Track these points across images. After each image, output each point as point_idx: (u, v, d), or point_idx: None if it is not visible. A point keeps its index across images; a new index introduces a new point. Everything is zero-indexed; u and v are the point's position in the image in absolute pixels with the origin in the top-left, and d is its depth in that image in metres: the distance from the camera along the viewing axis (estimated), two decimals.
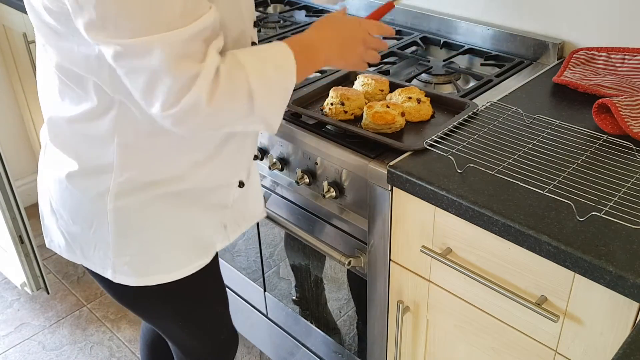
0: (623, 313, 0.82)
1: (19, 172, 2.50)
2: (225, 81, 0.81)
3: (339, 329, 1.42)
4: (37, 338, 1.97)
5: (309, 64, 0.95)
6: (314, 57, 0.96)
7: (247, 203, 1.13)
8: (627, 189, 0.91)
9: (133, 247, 0.97)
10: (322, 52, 0.97)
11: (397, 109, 1.11)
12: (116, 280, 0.99)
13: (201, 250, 1.04)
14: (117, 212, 0.94)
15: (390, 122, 1.10)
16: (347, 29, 1.01)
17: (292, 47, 0.90)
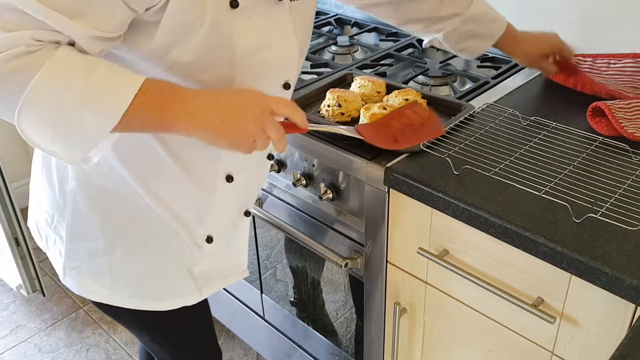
0: (619, 314, 0.82)
1: (14, 174, 2.49)
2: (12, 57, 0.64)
3: (336, 331, 1.42)
4: (33, 340, 1.96)
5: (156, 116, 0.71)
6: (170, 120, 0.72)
7: (226, 261, 1.02)
8: (624, 190, 0.92)
9: (83, 255, 0.93)
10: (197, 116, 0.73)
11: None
12: (64, 282, 0.97)
13: (159, 295, 0.96)
14: (75, 212, 0.91)
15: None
16: (239, 101, 0.76)
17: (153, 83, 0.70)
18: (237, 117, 0.74)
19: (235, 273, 1.06)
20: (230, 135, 0.74)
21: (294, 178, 1.25)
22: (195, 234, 0.94)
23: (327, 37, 1.65)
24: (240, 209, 1.00)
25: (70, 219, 0.92)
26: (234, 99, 0.76)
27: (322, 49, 1.56)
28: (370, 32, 1.67)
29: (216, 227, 0.96)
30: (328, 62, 1.46)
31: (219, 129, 0.74)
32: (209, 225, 0.95)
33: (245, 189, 0.97)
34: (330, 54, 1.54)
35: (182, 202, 0.91)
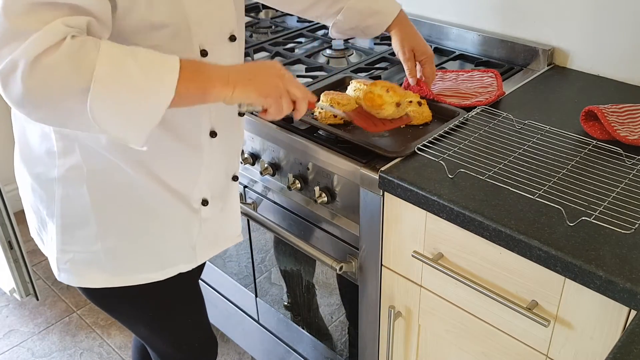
0: (613, 317, 0.82)
1: (8, 177, 2.47)
2: (64, 53, 0.70)
3: (330, 334, 1.41)
4: (26, 345, 1.95)
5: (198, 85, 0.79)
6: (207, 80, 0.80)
7: (222, 225, 1.07)
8: (617, 193, 0.92)
9: (77, 245, 0.94)
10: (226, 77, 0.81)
11: (395, 97, 1.06)
12: (59, 279, 0.97)
13: (156, 265, 0.98)
14: (64, 201, 0.91)
15: (377, 107, 1.06)
16: (259, 64, 0.87)
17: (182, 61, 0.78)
18: (262, 74, 0.85)
19: (230, 238, 1.11)
20: (259, 87, 0.84)
21: (289, 181, 1.25)
22: (190, 199, 0.97)
23: (321, 40, 1.66)
24: (227, 172, 1.04)
25: (59, 210, 0.92)
26: (254, 65, 0.87)
27: (317, 52, 1.56)
28: None
29: (209, 189, 0.99)
30: (323, 65, 1.46)
31: (249, 84, 0.83)
32: (202, 186, 0.98)
33: (228, 145, 1.01)
34: (324, 58, 1.55)
35: (173, 169, 0.94)
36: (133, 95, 0.74)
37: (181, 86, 0.76)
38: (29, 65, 0.69)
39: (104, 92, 0.72)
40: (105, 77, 0.71)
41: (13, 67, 0.69)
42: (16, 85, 0.70)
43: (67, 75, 0.71)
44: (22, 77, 0.69)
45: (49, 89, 0.71)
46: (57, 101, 0.72)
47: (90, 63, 0.71)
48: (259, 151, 1.31)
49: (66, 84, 0.71)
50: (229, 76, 0.82)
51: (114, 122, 0.75)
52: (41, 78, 0.70)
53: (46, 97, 0.72)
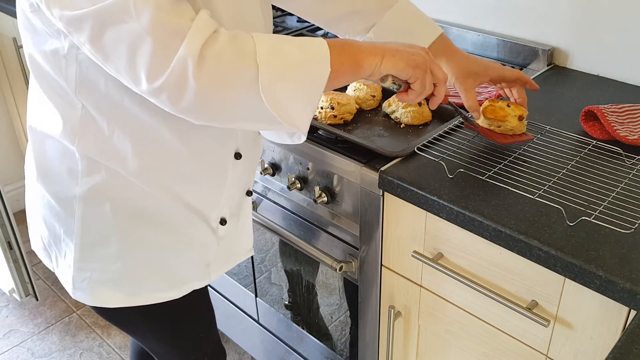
0: (613, 317, 0.82)
1: (7, 178, 2.48)
2: (224, 43, 0.70)
3: (330, 334, 1.41)
4: (26, 345, 1.95)
5: (349, 57, 0.79)
6: (356, 52, 0.80)
7: (236, 241, 1.07)
8: (617, 193, 0.92)
9: (95, 263, 0.93)
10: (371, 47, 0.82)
11: (517, 111, 1.03)
12: (74, 297, 0.96)
13: (172, 283, 0.98)
14: (85, 220, 0.90)
15: (500, 118, 1.03)
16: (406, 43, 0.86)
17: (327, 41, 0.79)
18: (409, 48, 0.84)
19: (242, 253, 1.10)
20: (408, 57, 0.82)
21: (289, 181, 1.25)
22: (210, 218, 0.96)
23: None
24: (244, 188, 1.03)
25: (79, 228, 0.91)
26: (399, 43, 0.85)
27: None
28: None
29: (228, 208, 0.99)
30: None
31: (397, 54, 0.82)
32: (222, 206, 0.97)
33: (249, 164, 1.01)
34: None
35: (197, 191, 0.93)
36: (296, 72, 0.75)
37: (335, 60, 0.76)
38: (197, 61, 0.68)
39: (271, 74, 0.72)
40: (269, 60, 0.72)
41: (183, 67, 0.68)
42: (188, 89, 0.69)
43: (235, 63, 0.71)
44: (193, 74, 0.69)
45: (220, 81, 0.71)
46: (229, 93, 0.72)
47: (251, 49, 0.72)
48: None
49: (235, 72, 0.71)
50: (374, 47, 0.82)
51: (283, 103, 0.75)
52: (211, 71, 0.69)
53: (219, 90, 0.71)
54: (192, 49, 0.68)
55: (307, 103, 0.77)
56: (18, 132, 2.44)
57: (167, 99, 0.71)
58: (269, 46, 0.73)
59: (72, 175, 0.88)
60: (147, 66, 0.68)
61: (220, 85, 0.71)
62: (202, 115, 0.75)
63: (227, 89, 0.71)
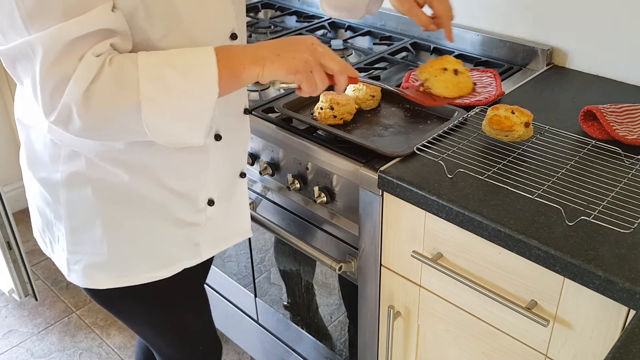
0: (612, 317, 0.82)
1: (6, 177, 2.48)
2: (107, 81, 0.74)
3: (330, 334, 1.41)
4: (25, 345, 1.95)
5: (229, 70, 0.80)
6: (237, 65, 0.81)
7: (229, 222, 1.06)
8: (616, 193, 0.92)
9: (84, 246, 0.95)
10: (253, 54, 0.82)
11: (523, 118, 1.03)
12: (69, 279, 0.98)
13: (161, 263, 0.99)
14: (69, 204, 0.92)
15: (507, 129, 1.02)
16: (290, 39, 0.86)
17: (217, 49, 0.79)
18: (291, 49, 0.83)
19: (239, 233, 1.10)
20: (287, 63, 0.82)
21: (288, 181, 1.25)
22: (196, 200, 0.97)
23: (321, 40, 1.65)
24: (234, 170, 1.03)
25: (66, 213, 0.93)
26: (284, 40, 0.85)
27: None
28: (364, 36, 1.68)
29: (216, 189, 0.99)
30: None
31: (276, 61, 0.81)
32: (209, 188, 0.98)
33: (233, 146, 1.01)
34: None
35: (178, 174, 0.94)
36: (181, 101, 0.76)
37: (220, 76, 0.78)
38: (81, 103, 0.73)
39: (154, 106, 0.75)
40: (151, 92, 0.74)
41: (68, 111, 0.74)
42: (75, 124, 0.75)
43: (117, 100, 0.74)
44: (78, 115, 0.74)
45: (104, 118, 0.75)
46: (114, 125, 0.77)
47: (133, 82, 0.74)
48: (258, 151, 1.31)
49: (118, 108, 0.75)
50: (256, 54, 0.81)
51: (170, 131, 0.78)
52: (94, 111, 0.74)
53: (103, 124, 0.76)
54: (74, 94, 0.73)
55: (195, 125, 0.79)
56: (17, 133, 2.43)
57: (61, 129, 0.78)
58: (152, 77, 0.75)
59: (54, 161, 0.90)
60: (41, 105, 0.75)
61: (104, 121, 0.76)
62: (89, 139, 0.83)
63: (111, 124, 0.77)
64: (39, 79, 0.73)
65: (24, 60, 0.73)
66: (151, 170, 0.91)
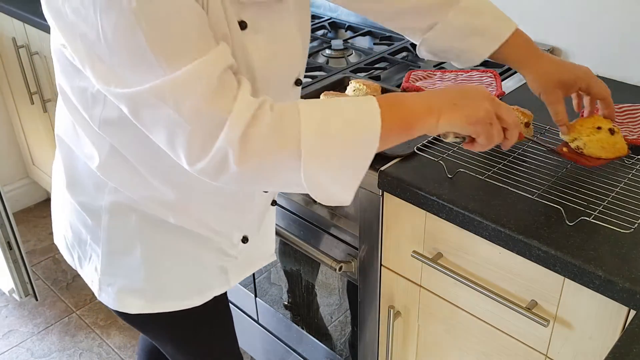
0: (612, 317, 0.82)
1: (7, 178, 2.48)
2: (267, 128, 0.67)
3: (330, 334, 1.41)
4: (25, 345, 1.95)
5: (400, 121, 0.72)
6: (408, 114, 0.73)
7: (256, 249, 1.06)
8: (616, 193, 0.92)
9: (120, 270, 0.94)
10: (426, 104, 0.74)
11: (523, 118, 1.01)
12: (99, 298, 0.98)
13: (193, 291, 0.99)
14: (110, 230, 0.91)
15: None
16: (462, 87, 0.79)
17: (378, 100, 0.72)
18: (468, 98, 0.75)
19: (263, 258, 1.10)
20: (467, 113, 0.74)
21: None
22: (231, 237, 0.97)
23: (321, 40, 1.66)
24: (269, 202, 1.03)
25: (105, 237, 0.92)
26: (458, 88, 0.78)
27: (316, 52, 1.56)
28: (365, 36, 1.68)
29: (251, 228, 0.99)
30: (322, 65, 1.46)
31: (455, 110, 0.74)
32: (246, 228, 0.98)
33: None
34: (324, 58, 1.55)
35: (221, 217, 0.94)
36: (342, 156, 0.70)
37: (385, 129, 0.70)
38: (238, 149, 0.66)
39: (315, 162, 0.69)
40: (314, 146, 0.68)
41: (223, 158, 0.67)
42: (230, 171, 0.68)
43: (277, 150, 0.68)
44: (235, 161, 0.67)
45: (261, 166, 0.69)
46: (271, 174, 0.71)
47: (295, 132, 0.68)
48: None
49: (277, 157, 0.69)
50: (430, 103, 0.74)
51: (324, 187, 0.72)
52: (252, 157, 0.68)
53: (260, 173, 0.70)
54: (232, 138, 0.66)
55: (350, 182, 0.72)
56: (17, 133, 2.43)
57: (208, 178, 0.71)
58: (315, 128, 0.68)
59: (99, 191, 0.89)
60: (186, 152, 0.68)
61: (262, 170, 0.70)
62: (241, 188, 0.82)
63: (268, 173, 0.70)
64: (190, 122, 0.65)
65: (156, 108, 0.66)
66: (195, 214, 0.91)
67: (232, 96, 0.67)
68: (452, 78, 1.35)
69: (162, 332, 1.06)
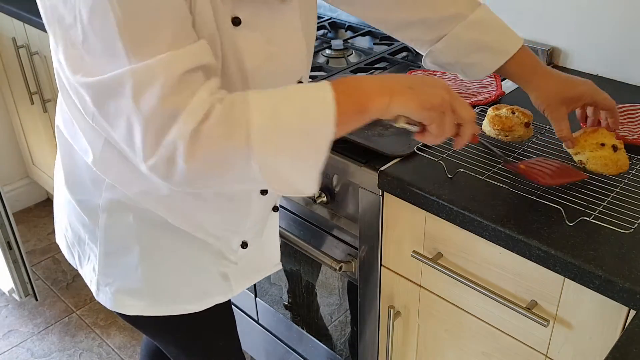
0: (612, 317, 0.82)
1: (7, 178, 2.48)
2: (216, 122, 0.65)
3: (330, 334, 1.41)
4: (25, 345, 1.95)
5: (354, 104, 0.70)
6: (362, 95, 0.71)
7: (260, 256, 1.05)
8: (616, 193, 0.92)
9: (117, 271, 0.94)
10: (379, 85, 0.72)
11: (523, 118, 1.02)
12: (97, 298, 0.97)
13: (193, 296, 0.98)
14: (108, 229, 0.91)
15: (507, 129, 1.00)
16: (420, 75, 0.77)
17: (332, 85, 0.70)
18: (424, 84, 0.73)
19: (268, 267, 1.09)
20: (421, 97, 0.71)
21: None
22: (230, 242, 0.96)
23: (321, 40, 1.66)
24: (270, 208, 1.02)
25: (103, 236, 0.91)
26: (414, 76, 0.75)
27: (316, 52, 1.56)
28: (364, 36, 1.68)
29: (250, 233, 0.98)
30: (322, 65, 1.46)
31: (408, 93, 0.71)
32: (244, 233, 0.97)
33: (276, 194, 0.99)
34: (324, 58, 1.55)
35: (218, 221, 0.93)
36: (296, 144, 0.68)
37: (340, 113, 0.68)
38: (188, 143, 0.65)
39: (267, 151, 0.67)
40: (265, 135, 0.66)
41: (172, 153, 0.65)
42: (178, 168, 0.66)
43: (225, 141, 0.66)
44: (183, 158, 0.65)
45: (211, 160, 0.67)
46: (221, 169, 0.68)
47: (244, 122, 0.66)
48: None
49: (227, 152, 0.66)
50: (384, 84, 0.72)
51: (282, 177, 0.69)
52: (202, 152, 0.66)
53: (209, 169, 0.68)
54: (183, 132, 0.64)
55: (309, 170, 0.70)
56: (18, 133, 2.43)
57: (158, 176, 0.69)
58: (266, 118, 0.66)
59: (97, 186, 0.89)
60: (140, 146, 0.66)
61: (212, 166, 0.68)
62: (194, 188, 0.73)
63: (218, 169, 0.68)
64: (145, 114, 0.64)
65: (115, 97, 0.65)
66: (191, 215, 0.90)
67: (191, 92, 0.65)
68: (452, 78, 1.35)
69: (162, 334, 1.06)
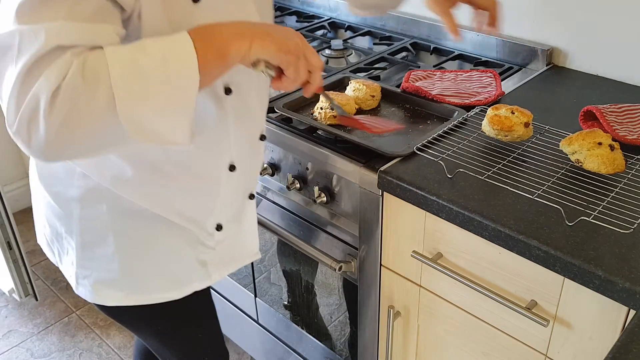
0: (612, 317, 0.82)
1: (7, 177, 2.48)
2: (73, 75, 0.63)
3: (330, 334, 1.41)
4: (25, 345, 1.95)
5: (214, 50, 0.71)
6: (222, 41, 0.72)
7: (237, 244, 1.05)
8: (616, 193, 0.92)
9: (94, 262, 0.94)
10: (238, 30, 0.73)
11: (523, 118, 1.03)
12: (77, 292, 0.98)
13: (171, 283, 0.98)
14: (82, 221, 0.91)
15: (507, 129, 1.02)
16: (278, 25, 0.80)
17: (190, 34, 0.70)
18: (281, 31, 0.77)
19: (247, 256, 1.09)
20: (279, 41, 0.74)
21: (288, 181, 1.25)
22: (205, 225, 0.96)
23: (320, 40, 1.66)
24: (244, 194, 1.02)
25: (78, 228, 0.92)
26: (270, 24, 0.80)
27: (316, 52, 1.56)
28: (364, 36, 1.68)
29: (224, 215, 0.98)
30: None
31: (267, 37, 0.74)
32: (218, 214, 0.97)
33: (246, 174, 0.99)
34: (324, 58, 1.55)
35: (189, 202, 0.93)
36: (159, 91, 0.67)
37: (201, 60, 0.68)
38: (48, 102, 0.62)
39: (130, 100, 0.65)
40: (125, 84, 0.65)
41: (32, 112, 0.63)
42: (40, 130, 0.64)
43: (86, 96, 0.64)
44: (43, 117, 0.63)
45: (72, 119, 0.64)
46: (85, 128, 0.65)
47: (103, 74, 0.64)
48: None
49: (89, 106, 0.64)
50: (243, 30, 0.74)
51: (150, 126, 0.68)
52: (61, 108, 0.63)
53: (72, 129, 0.65)
54: (43, 88, 0.62)
55: (179, 120, 0.69)
56: None
57: (22, 143, 0.66)
58: (124, 66, 0.65)
59: (69, 177, 0.89)
60: (6, 107, 0.64)
61: (74, 125, 0.64)
62: (63, 156, 0.69)
63: (81, 127, 0.65)
64: (17, 76, 0.63)
65: (3, 54, 0.64)
66: (163, 197, 0.90)
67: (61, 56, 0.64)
68: (452, 78, 1.35)
69: (143, 326, 1.06)
